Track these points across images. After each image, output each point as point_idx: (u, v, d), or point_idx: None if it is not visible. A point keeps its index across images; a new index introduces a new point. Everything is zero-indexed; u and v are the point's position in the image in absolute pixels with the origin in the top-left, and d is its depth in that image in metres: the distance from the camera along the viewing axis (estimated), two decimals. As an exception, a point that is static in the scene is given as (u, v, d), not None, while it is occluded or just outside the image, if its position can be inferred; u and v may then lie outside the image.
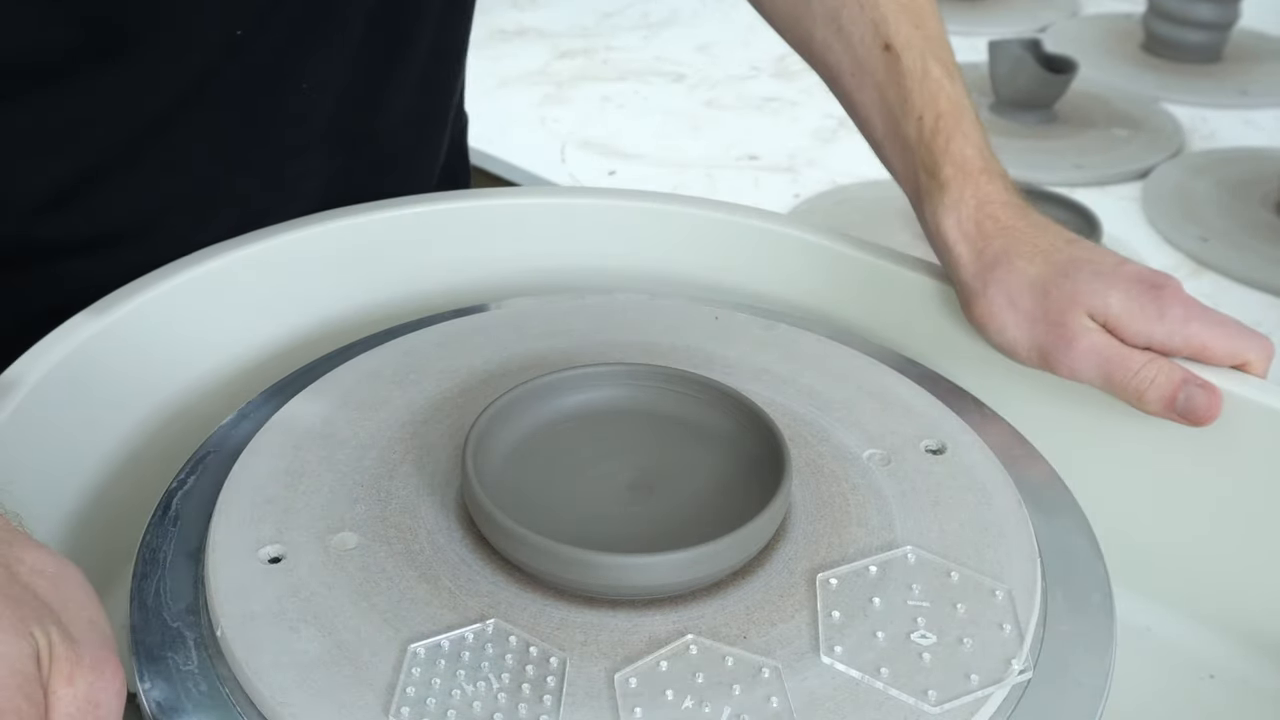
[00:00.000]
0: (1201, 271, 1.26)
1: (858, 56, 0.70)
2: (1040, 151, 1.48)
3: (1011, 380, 0.66)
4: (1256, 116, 1.63)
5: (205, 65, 0.68)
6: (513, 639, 0.47)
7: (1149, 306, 0.60)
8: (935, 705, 0.44)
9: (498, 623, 0.47)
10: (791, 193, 1.41)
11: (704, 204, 0.77)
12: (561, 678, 0.45)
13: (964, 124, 0.67)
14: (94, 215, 0.70)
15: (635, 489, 0.53)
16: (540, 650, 0.46)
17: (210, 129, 0.71)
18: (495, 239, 0.76)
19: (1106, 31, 1.86)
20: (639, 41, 1.87)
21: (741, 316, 0.68)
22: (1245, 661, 0.62)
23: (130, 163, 0.69)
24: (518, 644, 0.46)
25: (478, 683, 0.45)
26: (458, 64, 0.84)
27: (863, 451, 0.57)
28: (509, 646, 0.46)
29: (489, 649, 0.46)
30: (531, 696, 0.44)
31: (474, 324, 0.67)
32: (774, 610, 0.48)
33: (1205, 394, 0.59)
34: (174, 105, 0.68)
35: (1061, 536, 0.55)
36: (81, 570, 0.43)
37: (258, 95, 0.71)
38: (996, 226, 0.65)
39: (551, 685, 0.45)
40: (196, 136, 0.70)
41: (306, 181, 0.76)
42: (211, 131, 0.71)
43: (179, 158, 0.70)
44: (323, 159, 0.76)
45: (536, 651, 0.46)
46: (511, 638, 0.47)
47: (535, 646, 0.46)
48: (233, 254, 0.68)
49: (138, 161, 0.69)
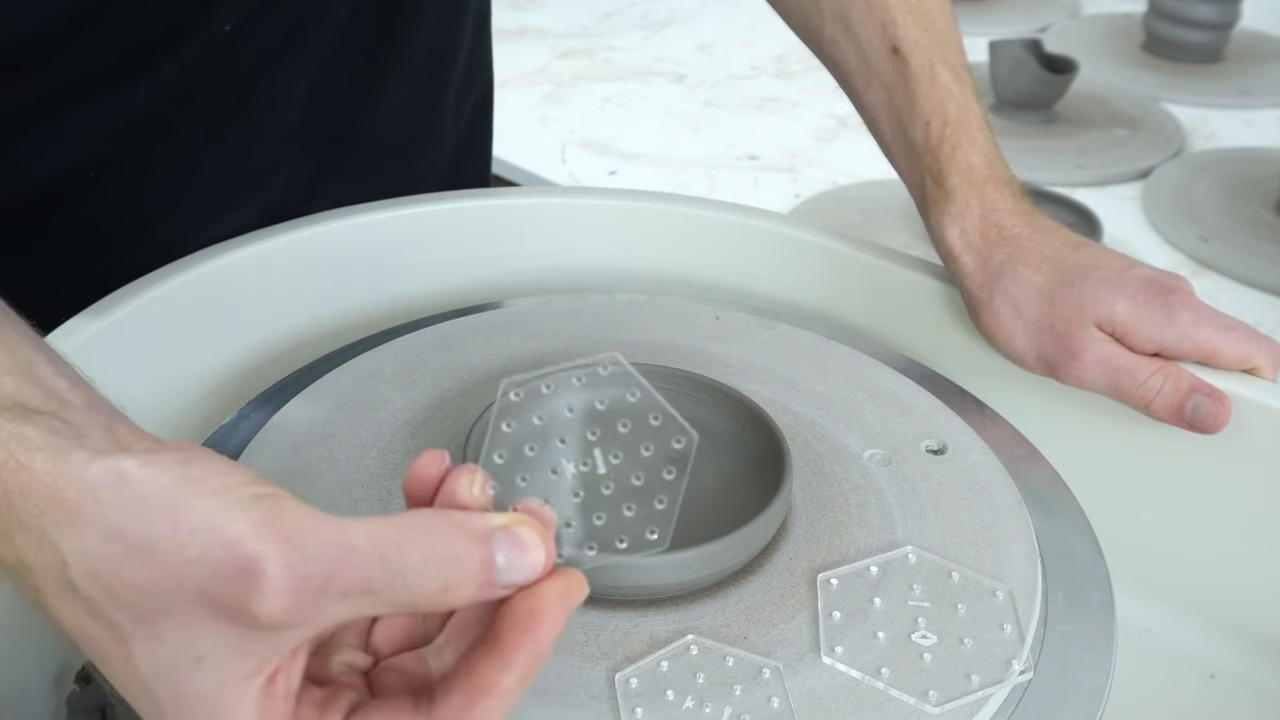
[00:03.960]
0: (1201, 271, 1.26)
1: (866, 57, 0.70)
2: (1040, 151, 1.48)
3: (1012, 380, 0.66)
4: (1257, 116, 1.63)
5: (194, 62, 0.68)
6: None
7: (1157, 312, 0.60)
8: (936, 705, 0.44)
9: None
10: (791, 193, 1.41)
11: (704, 204, 0.77)
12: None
13: (971, 130, 0.66)
14: (78, 217, 0.70)
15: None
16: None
17: (192, 129, 0.70)
18: (496, 239, 0.76)
19: (1107, 31, 1.86)
20: (639, 41, 1.87)
21: (741, 316, 0.68)
22: (1245, 661, 0.62)
23: (113, 163, 0.69)
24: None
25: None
26: (454, 62, 0.83)
27: (863, 451, 0.57)
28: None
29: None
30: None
31: (474, 324, 0.67)
32: (775, 610, 0.48)
33: (1213, 403, 0.59)
34: (157, 103, 0.68)
35: (1062, 536, 0.55)
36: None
37: (244, 92, 0.71)
38: (1001, 235, 0.64)
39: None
40: (178, 135, 0.70)
41: (293, 181, 0.76)
42: (193, 131, 0.70)
43: (162, 157, 0.70)
44: (307, 156, 0.76)
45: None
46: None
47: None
48: (233, 254, 0.68)
49: (121, 162, 0.69)
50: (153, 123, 0.69)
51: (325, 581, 0.32)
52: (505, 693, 0.34)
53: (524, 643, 0.34)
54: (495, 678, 0.34)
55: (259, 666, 0.33)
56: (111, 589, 0.33)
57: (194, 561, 0.32)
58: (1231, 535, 0.63)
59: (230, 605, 0.32)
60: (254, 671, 0.33)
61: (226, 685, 0.33)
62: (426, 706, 0.34)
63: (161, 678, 0.33)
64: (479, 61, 0.86)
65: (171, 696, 0.33)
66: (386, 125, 0.79)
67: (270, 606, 0.32)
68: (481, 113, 0.89)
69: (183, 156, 0.71)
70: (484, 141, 0.92)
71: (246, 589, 0.32)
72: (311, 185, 0.77)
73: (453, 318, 0.67)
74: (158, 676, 0.33)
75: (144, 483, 0.33)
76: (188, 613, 0.33)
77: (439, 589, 0.33)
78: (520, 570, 0.34)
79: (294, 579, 0.32)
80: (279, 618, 0.32)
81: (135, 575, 0.33)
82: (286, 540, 0.32)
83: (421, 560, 0.33)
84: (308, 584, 0.32)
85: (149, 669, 0.33)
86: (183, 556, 0.33)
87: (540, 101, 1.65)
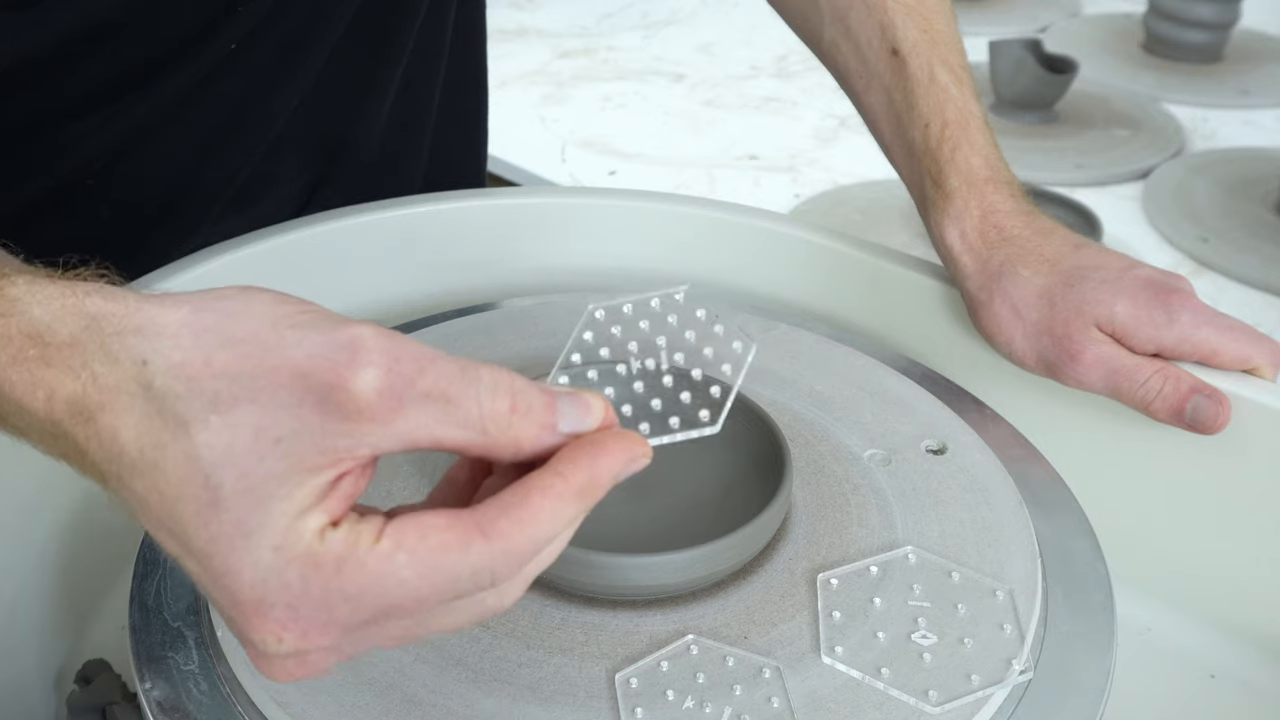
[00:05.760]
0: (1201, 271, 1.26)
1: (865, 59, 0.70)
2: (1040, 151, 1.48)
3: (1012, 380, 0.66)
4: (1257, 116, 1.64)
5: (194, 79, 0.68)
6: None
7: (1157, 313, 0.60)
8: (936, 705, 0.44)
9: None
10: (791, 193, 1.41)
11: (704, 204, 0.77)
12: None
13: (971, 132, 0.66)
14: (67, 228, 0.69)
15: (636, 489, 0.53)
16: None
17: (186, 141, 0.70)
18: (496, 239, 0.76)
19: (1107, 31, 1.86)
20: (639, 41, 1.87)
21: (742, 316, 0.68)
22: (1245, 661, 0.62)
23: (105, 175, 0.69)
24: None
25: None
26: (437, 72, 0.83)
27: (863, 451, 0.57)
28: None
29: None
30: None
31: (474, 324, 0.67)
32: (775, 610, 0.48)
33: (1213, 404, 0.59)
34: (153, 116, 0.68)
35: (1062, 536, 0.55)
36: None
37: (243, 104, 0.71)
38: (1000, 236, 0.64)
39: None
40: (173, 149, 0.70)
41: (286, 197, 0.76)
42: (187, 144, 0.70)
43: (155, 169, 0.70)
44: (302, 170, 0.76)
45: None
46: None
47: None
48: (233, 254, 0.68)
49: (111, 174, 0.69)
50: (148, 136, 0.69)
51: (415, 373, 0.34)
52: (558, 496, 0.35)
53: (583, 459, 0.35)
54: (549, 480, 0.35)
55: (333, 462, 0.34)
56: (194, 378, 0.34)
57: (293, 344, 0.34)
58: (1231, 535, 0.63)
59: (325, 381, 0.33)
60: (327, 465, 0.34)
61: (299, 469, 0.33)
62: (471, 507, 0.35)
63: (230, 463, 0.33)
64: (467, 65, 0.86)
65: (237, 480, 0.33)
66: (377, 135, 0.79)
67: (365, 381, 0.33)
68: (474, 119, 0.89)
69: (176, 169, 0.71)
70: (478, 148, 0.92)
71: (345, 359, 0.33)
72: (301, 196, 0.77)
73: (453, 318, 0.67)
74: (225, 462, 0.33)
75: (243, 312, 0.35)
76: (272, 396, 0.33)
77: (507, 408, 0.35)
78: (581, 420, 0.36)
79: (389, 360, 0.34)
80: (369, 397, 0.33)
81: (226, 360, 0.34)
82: (386, 335, 0.35)
83: (493, 379, 0.35)
84: (399, 370, 0.34)
85: (216, 455, 0.33)
86: (281, 340, 0.34)
87: (540, 101, 1.65)
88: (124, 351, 0.34)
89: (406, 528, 0.34)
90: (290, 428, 0.33)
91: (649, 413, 0.40)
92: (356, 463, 0.34)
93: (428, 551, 0.34)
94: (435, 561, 0.34)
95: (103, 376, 0.34)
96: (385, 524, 0.34)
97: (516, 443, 0.35)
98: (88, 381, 0.34)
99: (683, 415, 0.39)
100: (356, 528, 0.34)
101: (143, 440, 0.34)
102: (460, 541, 0.34)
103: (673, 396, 0.41)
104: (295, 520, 0.33)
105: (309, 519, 0.33)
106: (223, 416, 0.33)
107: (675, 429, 0.39)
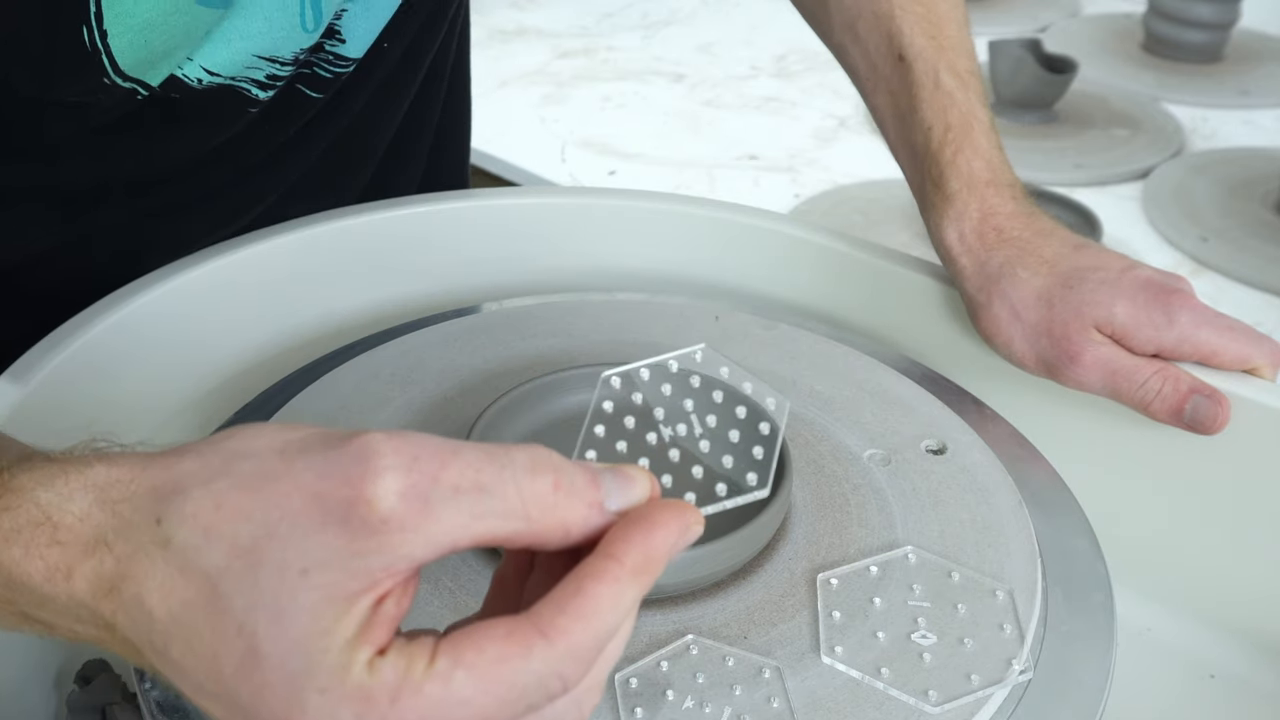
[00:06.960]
0: (1201, 271, 1.26)
1: (873, 64, 0.71)
2: (1040, 151, 1.48)
3: (1012, 380, 0.66)
4: (1256, 116, 1.64)
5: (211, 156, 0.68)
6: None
7: (1157, 314, 0.60)
8: (936, 705, 0.44)
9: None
10: (791, 193, 1.41)
11: (704, 204, 0.77)
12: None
13: (974, 135, 0.67)
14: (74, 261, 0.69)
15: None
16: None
17: (208, 185, 0.70)
18: (496, 239, 0.76)
19: (1106, 31, 1.86)
20: (639, 41, 1.87)
21: (741, 316, 0.68)
22: (1245, 661, 0.62)
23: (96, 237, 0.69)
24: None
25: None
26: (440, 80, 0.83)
27: (863, 451, 0.57)
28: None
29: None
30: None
31: (474, 324, 0.67)
32: (774, 610, 0.48)
33: (1212, 404, 0.59)
34: (178, 172, 0.68)
35: (1061, 536, 0.55)
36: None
37: (248, 175, 0.71)
38: (1000, 238, 0.64)
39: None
40: (193, 191, 0.70)
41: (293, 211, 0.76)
42: (209, 187, 0.70)
43: (170, 212, 0.70)
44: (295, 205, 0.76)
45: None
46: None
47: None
48: (233, 254, 0.68)
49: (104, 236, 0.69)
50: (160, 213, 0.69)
51: (438, 467, 0.32)
52: (614, 580, 0.32)
53: (635, 536, 0.33)
54: (603, 565, 0.32)
55: (369, 585, 0.31)
56: (209, 527, 0.32)
57: (302, 469, 0.32)
58: (1231, 535, 0.63)
59: (341, 497, 0.31)
60: (363, 590, 0.31)
61: (334, 600, 0.31)
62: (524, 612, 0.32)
63: (260, 605, 0.31)
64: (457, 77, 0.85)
65: (270, 623, 0.31)
66: (367, 169, 0.79)
67: (384, 487, 0.31)
68: (453, 137, 0.88)
69: (174, 231, 0.71)
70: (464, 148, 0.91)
71: (358, 470, 0.31)
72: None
73: (452, 318, 0.67)
74: (256, 605, 0.31)
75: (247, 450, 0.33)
76: (292, 527, 0.31)
77: (550, 487, 0.32)
78: (626, 495, 0.34)
79: (407, 459, 0.31)
80: (391, 504, 0.31)
81: (238, 501, 0.32)
82: (399, 434, 0.32)
83: (529, 459, 0.33)
84: (420, 468, 0.31)
85: (245, 600, 0.31)
86: (290, 467, 0.32)
87: (540, 101, 1.65)
88: (136, 514, 0.33)
89: (462, 643, 0.31)
90: (316, 557, 0.31)
91: (691, 481, 0.38)
92: (394, 580, 0.32)
93: (488, 665, 0.31)
94: (497, 674, 0.31)
95: (119, 545, 0.33)
96: (438, 643, 0.32)
97: (564, 526, 0.33)
98: (104, 553, 0.33)
99: (729, 481, 0.37)
100: (407, 651, 0.31)
101: (169, 601, 0.32)
102: (521, 648, 0.31)
103: (713, 461, 0.38)
104: (339, 656, 0.31)
105: (354, 652, 0.31)
106: (245, 560, 0.31)
107: (723, 496, 0.37)
